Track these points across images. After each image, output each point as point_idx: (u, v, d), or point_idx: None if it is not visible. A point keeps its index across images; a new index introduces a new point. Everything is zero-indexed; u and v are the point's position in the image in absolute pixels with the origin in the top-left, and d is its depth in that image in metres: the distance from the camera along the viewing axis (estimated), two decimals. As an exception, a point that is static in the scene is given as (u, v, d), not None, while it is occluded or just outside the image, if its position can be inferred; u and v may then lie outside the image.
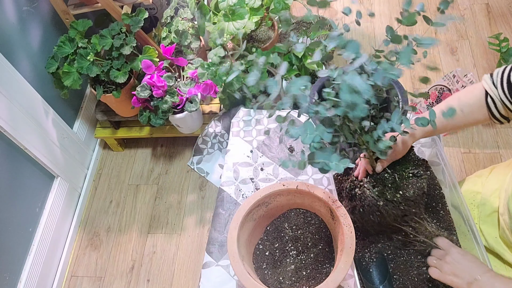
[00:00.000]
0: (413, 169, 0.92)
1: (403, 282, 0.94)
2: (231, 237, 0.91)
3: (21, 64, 1.56)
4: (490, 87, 0.85)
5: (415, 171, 0.92)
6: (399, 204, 0.89)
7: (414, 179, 0.90)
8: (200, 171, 1.93)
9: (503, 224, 0.93)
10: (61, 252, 1.78)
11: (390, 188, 0.91)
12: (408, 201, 0.89)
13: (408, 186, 0.90)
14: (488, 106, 0.86)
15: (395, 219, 0.92)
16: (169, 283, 1.71)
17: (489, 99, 0.85)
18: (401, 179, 0.91)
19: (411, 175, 0.91)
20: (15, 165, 1.53)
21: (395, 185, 0.91)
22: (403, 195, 0.89)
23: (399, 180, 0.91)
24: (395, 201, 0.89)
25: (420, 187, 0.90)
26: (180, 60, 1.63)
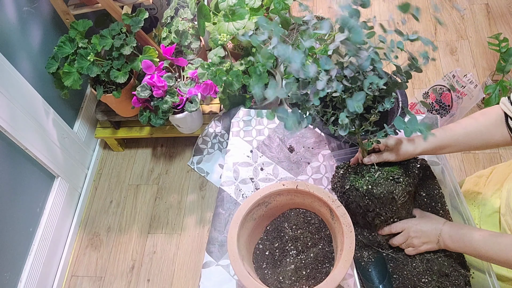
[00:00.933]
0: (398, 175, 0.90)
1: (402, 282, 0.94)
2: (231, 237, 0.91)
3: (21, 64, 1.57)
4: (509, 109, 0.84)
5: (398, 177, 0.90)
6: (363, 196, 0.91)
7: (391, 182, 0.90)
8: (200, 171, 1.93)
9: (504, 225, 0.93)
10: (61, 252, 1.78)
11: (365, 179, 0.92)
12: (372, 197, 0.90)
13: (381, 185, 0.90)
14: (510, 127, 0.85)
15: (357, 208, 0.94)
16: (169, 283, 1.71)
17: (510, 121, 0.84)
18: (380, 177, 0.91)
19: (391, 178, 0.90)
20: (16, 165, 1.54)
21: (371, 179, 0.91)
22: (370, 189, 0.90)
23: (378, 177, 0.91)
24: (359, 191, 0.91)
25: (390, 191, 0.89)
26: (180, 60, 1.64)
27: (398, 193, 0.89)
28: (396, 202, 0.90)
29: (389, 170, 0.92)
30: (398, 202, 0.90)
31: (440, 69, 2.18)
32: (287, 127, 0.74)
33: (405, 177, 0.91)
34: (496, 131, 0.86)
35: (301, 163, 1.25)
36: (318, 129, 1.21)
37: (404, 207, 0.94)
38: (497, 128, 0.86)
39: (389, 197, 0.89)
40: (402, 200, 0.90)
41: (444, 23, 2.35)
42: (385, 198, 0.89)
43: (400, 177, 0.90)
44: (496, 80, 1.91)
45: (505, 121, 0.85)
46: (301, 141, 1.29)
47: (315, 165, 1.24)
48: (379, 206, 0.91)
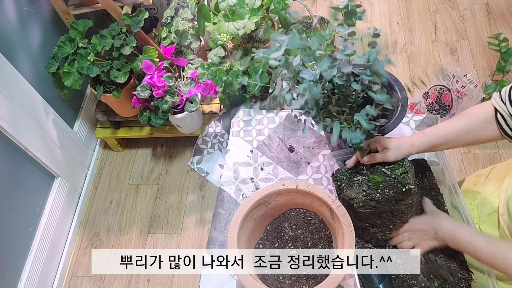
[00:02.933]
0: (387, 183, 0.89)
1: (401, 281, 0.94)
2: (231, 237, 0.91)
3: (21, 64, 1.57)
4: (498, 104, 0.85)
5: (386, 187, 0.89)
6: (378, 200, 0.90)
7: (376, 191, 0.89)
8: (200, 171, 1.93)
9: (503, 224, 0.93)
10: (61, 252, 1.78)
11: (358, 181, 0.92)
12: (351, 200, 0.91)
13: (360, 191, 0.90)
14: (499, 122, 0.86)
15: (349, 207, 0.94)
16: (169, 283, 1.71)
17: (499, 116, 0.85)
18: (370, 181, 0.91)
19: (381, 186, 0.89)
20: (16, 165, 1.54)
21: (363, 181, 0.92)
22: (348, 194, 0.91)
23: (367, 180, 0.91)
24: (347, 193, 0.92)
25: (372, 198, 0.89)
26: (180, 60, 1.64)
27: (376, 206, 0.90)
28: (375, 212, 0.91)
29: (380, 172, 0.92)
30: (376, 212, 0.90)
31: (440, 69, 2.18)
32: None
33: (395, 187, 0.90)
34: (486, 127, 0.87)
35: (301, 163, 1.25)
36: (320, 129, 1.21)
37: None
38: (487, 125, 0.87)
39: (370, 205, 0.90)
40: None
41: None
42: (367, 206, 0.90)
43: (387, 188, 0.89)
44: (496, 80, 1.91)
45: (495, 117, 0.86)
46: (301, 141, 1.29)
47: (315, 165, 1.24)
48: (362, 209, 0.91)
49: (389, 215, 0.92)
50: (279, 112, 1.38)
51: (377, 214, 0.91)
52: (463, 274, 0.93)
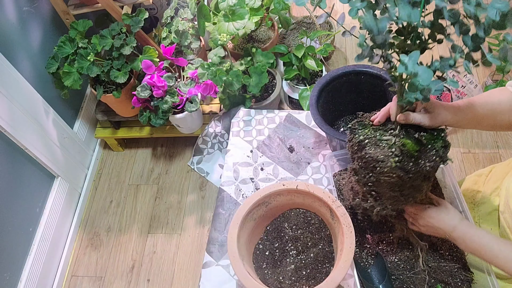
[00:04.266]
0: (424, 153, 0.76)
1: (401, 282, 0.94)
2: (231, 237, 0.91)
3: (21, 64, 1.57)
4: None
5: (422, 158, 0.76)
6: (409, 171, 0.75)
7: (410, 159, 0.75)
8: (200, 171, 1.93)
9: (503, 223, 0.93)
10: (61, 252, 1.78)
11: (388, 141, 0.77)
12: (376, 162, 0.76)
13: (391, 154, 0.75)
14: None
15: (391, 189, 0.80)
16: (169, 283, 1.71)
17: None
18: (404, 145, 0.76)
19: (416, 155, 0.75)
20: (16, 165, 1.54)
21: (395, 143, 0.76)
22: (375, 154, 0.76)
23: (401, 144, 0.76)
24: (372, 152, 0.77)
25: (403, 167, 0.75)
26: (180, 60, 1.64)
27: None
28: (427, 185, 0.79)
29: (429, 137, 0.78)
30: (379, 175, 0.77)
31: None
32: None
33: (445, 151, 0.78)
34: (510, 113, 0.82)
35: (301, 163, 1.25)
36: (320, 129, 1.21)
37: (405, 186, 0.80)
38: (511, 109, 0.81)
39: (372, 163, 0.77)
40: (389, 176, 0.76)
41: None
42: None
43: (440, 153, 0.77)
44: (496, 80, 1.91)
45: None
46: (301, 141, 1.29)
47: (315, 165, 1.24)
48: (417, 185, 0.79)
49: (406, 191, 0.80)
50: (279, 112, 1.38)
51: (394, 185, 0.79)
52: (465, 276, 0.93)
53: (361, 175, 0.81)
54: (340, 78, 1.19)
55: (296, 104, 1.85)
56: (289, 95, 1.84)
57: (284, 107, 1.96)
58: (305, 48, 1.63)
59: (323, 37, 1.96)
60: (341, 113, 1.29)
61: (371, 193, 0.83)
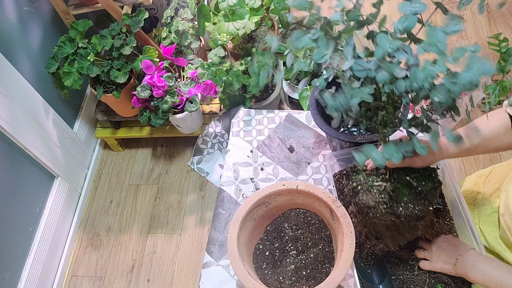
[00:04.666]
0: (413, 196, 0.79)
1: (401, 282, 0.94)
2: (231, 237, 0.91)
3: (21, 64, 1.57)
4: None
5: (411, 201, 0.79)
6: (399, 215, 0.78)
7: (399, 204, 0.79)
8: (200, 171, 1.93)
9: (503, 225, 0.93)
10: (61, 252, 1.78)
11: (379, 187, 0.80)
12: (368, 208, 0.80)
13: (380, 200, 0.79)
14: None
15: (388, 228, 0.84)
16: (169, 283, 1.71)
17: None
18: (393, 191, 0.80)
19: (405, 200, 0.78)
20: (16, 165, 1.54)
21: (385, 189, 0.80)
22: (366, 201, 0.79)
23: (391, 190, 0.80)
24: (364, 198, 0.80)
25: (393, 212, 0.78)
26: (180, 60, 1.64)
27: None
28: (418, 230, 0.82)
29: (419, 179, 0.81)
30: (374, 219, 0.81)
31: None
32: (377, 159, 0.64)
33: (434, 192, 0.80)
34: (505, 136, 0.81)
35: (301, 163, 1.25)
36: (320, 129, 1.21)
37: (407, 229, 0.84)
38: (506, 133, 0.81)
39: (365, 209, 0.81)
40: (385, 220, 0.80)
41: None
42: (362, 209, 0.82)
43: (427, 198, 0.79)
44: (496, 80, 1.91)
45: (511, 124, 0.80)
46: (301, 141, 1.29)
47: (315, 165, 1.24)
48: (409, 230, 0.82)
49: (402, 230, 0.84)
50: (279, 112, 1.38)
51: (390, 226, 0.83)
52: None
53: (358, 218, 0.85)
54: (340, 78, 1.19)
55: (296, 104, 1.85)
56: (289, 95, 1.84)
57: (284, 107, 1.96)
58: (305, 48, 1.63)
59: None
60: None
61: (372, 233, 0.86)
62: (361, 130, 1.29)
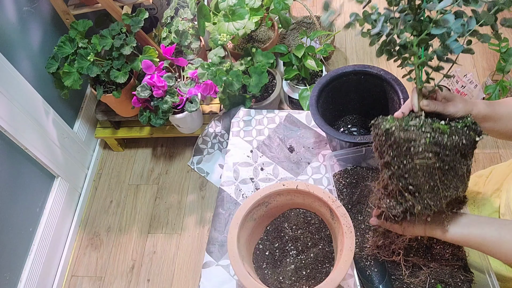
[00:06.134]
0: (455, 130, 0.72)
1: (401, 282, 0.94)
2: (231, 237, 0.91)
3: (21, 64, 1.57)
4: None
5: (455, 134, 0.72)
6: (445, 146, 0.71)
7: (443, 135, 0.71)
8: (200, 171, 1.93)
9: (503, 224, 0.93)
10: (61, 252, 1.78)
11: (416, 124, 0.72)
12: (408, 142, 0.71)
13: (422, 132, 0.71)
14: None
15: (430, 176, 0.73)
16: (169, 283, 1.71)
17: None
18: (433, 124, 0.72)
19: (448, 132, 0.72)
20: (15, 165, 1.54)
21: (424, 124, 0.72)
22: (405, 135, 0.71)
23: (430, 123, 0.72)
24: (402, 134, 0.71)
25: (438, 142, 0.70)
26: (180, 60, 1.64)
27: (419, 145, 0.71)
28: (412, 156, 0.72)
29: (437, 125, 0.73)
30: (414, 158, 0.72)
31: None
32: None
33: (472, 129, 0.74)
34: None
35: (301, 163, 1.25)
36: (320, 129, 1.21)
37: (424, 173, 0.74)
38: None
39: (405, 145, 0.72)
40: (421, 160, 0.71)
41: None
42: (401, 146, 0.72)
43: (471, 128, 0.74)
44: (496, 80, 1.91)
45: None
46: (301, 141, 1.29)
47: (315, 165, 1.24)
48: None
49: (446, 176, 0.74)
50: (279, 112, 1.38)
51: (432, 170, 0.73)
52: (465, 276, 0.93)
53: (394, 167, 0.75)
54: (340, 78, 1.19)
55: (296, 104, 1.85)
56: (289, 95, 1.84)
57: (284, 107, 1.96)
58: (305, 48, 1.63)
59: (323, 37, 1.96)
60: (341, 113, 1.29)
61: (408, 187, 0.75)
62: (361, 130, 1.30)
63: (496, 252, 0.74)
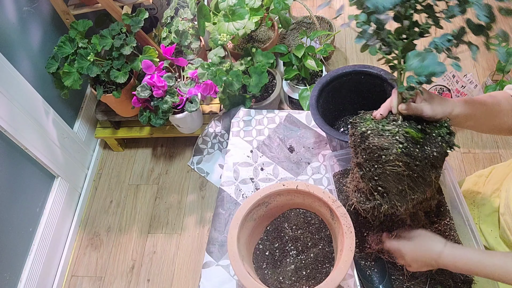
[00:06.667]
0: (429, 140, 0.74)
1: (401, 282, 0.94)
2: (231, 237, 0.91)
3: (21, 64, 1.57)
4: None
5: (428, 144, 0.74)
6: (416, 157, 0.72)
7: (415, 145, 0.73)
8: (200, 171, 1.93)
9: (503, 224, 0.93)
10: (61, 252, 1.78)
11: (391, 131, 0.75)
12: (381, 150, 0.73)
13: (395, 141, 0.73)
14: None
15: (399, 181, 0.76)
16: (169, 283, 1.71)
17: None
18: (407, 133, 0.74)
19: (421, 142, 0.73)
20: (16, 165, 1.54)
21: (398, 131, 0.74)
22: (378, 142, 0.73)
23: (405, 132, 0.74)
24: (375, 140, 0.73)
25: (409, 153, 0.72)
26: (180, 60, 1.64)
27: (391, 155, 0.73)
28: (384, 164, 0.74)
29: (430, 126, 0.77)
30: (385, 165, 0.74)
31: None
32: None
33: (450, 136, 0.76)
34: (508, 115, 0.80)
35: (301, 163, 1.25)
36: (320, 129, 1.21)
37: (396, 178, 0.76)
38: (509, 111, 0.80)
39: (377, 152, 0.74)
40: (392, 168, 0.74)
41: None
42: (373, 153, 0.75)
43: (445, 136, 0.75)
44: (496, 80, 1.91)
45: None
46: (301, 141, 1.29)
47: (315, 165, 1.24)
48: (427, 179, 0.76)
49: (414, 183, 0.76)
50: (279, 112, 1.38)
51: (401, 176, 0.75)
52: (465, 277, 0.93)
53: (366, 169, 0.77)
54: (340, 78, 1.19)
55: (296, 104, 1.85)
56: (289, 95, 1.84)
57: (284, 107, 1.96)
58: (305, 48, 1.64)
59: (323, 37, 1.96)
60: (341, 113, 1.29)
61: (378, 188, 0.78)
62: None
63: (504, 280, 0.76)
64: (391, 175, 0.75)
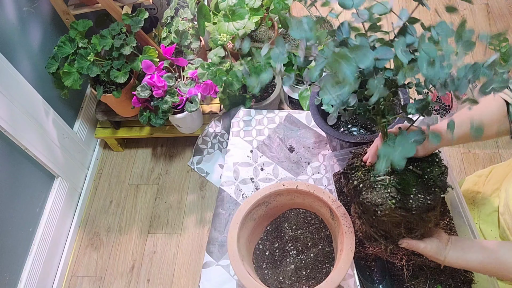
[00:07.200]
0: (422, 186, 0.74)
1: (401, 282, 0.94)
2: (231, 237, 0.91)
3: (21, 64, 1.57)
4: (510, 97, 0.80)
5: (421, 192, 0.73)
6: (410, 209, 0.71)
7: (408, 196, 0.73)
8: (200, 171, 1.93)
9: (503, 224, 0.93)
10: (61, 252, 1.78)
11: (383, 181, 0.74)
12: (375, 206, 0.73)
13: (387, 195, 0.73)
14: (510, 116, 0.80)
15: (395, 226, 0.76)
16: (169, 283, 1.71)
17: (511, 109, 0.80)
18: (399, 183, 0.73)
19: (414, 191, 0.73)
20: (16, 165, 1.54)
21: (390, 182, 0.74)
22: (371, 199, 0.72)
23: (396, 182, 0.73)
24: (368, 197, 0.73)
25: (403, 206, 0.72)
26: (180, 60, 1.64)
27: (384, 210, 0.72)
28: (378, 216, 0.74)
29: (425, 167, 0.76)
30: (381, 217, 0.74)
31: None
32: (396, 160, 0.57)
33: (443, 176, 0.75)
34: (499, 122, 0.81)
35: (301, 163, 1.25)
36: (320, 129, 1.21)
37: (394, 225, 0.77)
38: (500, 118, 0.81)
39: (372, 208, 0.74)
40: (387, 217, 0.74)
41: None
42: (368, 208, 0.75)
43: (438, 180, 0.74)
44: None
45: (507, 110, 0.80)
46: (301, 141, 1.29)
47: (315, 165, 1.24)
48: (422, 225, 0.76)
49: (414, 225, 0.76)
50: (279, 112, 1.38)
51: (400, 223, 0.76)
52: (465, 276, 0.93)
53: (364, 219, 0.78)
54: (340, 78, 1.19)
55: (296, 104, 1.85)
56: (289, 95, 1.84)
57: (284, 107, 1.96)
58: (305, 48, 1.63)
59: (323, 37, 1.96)
60: (341, 113, 1.29)
61: (379, 233, 0.79)
62: (361, 130, 1.29)
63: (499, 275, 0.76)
64: (389, 224, 0.76)
